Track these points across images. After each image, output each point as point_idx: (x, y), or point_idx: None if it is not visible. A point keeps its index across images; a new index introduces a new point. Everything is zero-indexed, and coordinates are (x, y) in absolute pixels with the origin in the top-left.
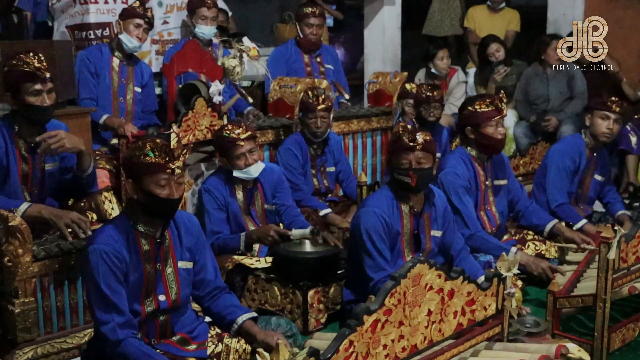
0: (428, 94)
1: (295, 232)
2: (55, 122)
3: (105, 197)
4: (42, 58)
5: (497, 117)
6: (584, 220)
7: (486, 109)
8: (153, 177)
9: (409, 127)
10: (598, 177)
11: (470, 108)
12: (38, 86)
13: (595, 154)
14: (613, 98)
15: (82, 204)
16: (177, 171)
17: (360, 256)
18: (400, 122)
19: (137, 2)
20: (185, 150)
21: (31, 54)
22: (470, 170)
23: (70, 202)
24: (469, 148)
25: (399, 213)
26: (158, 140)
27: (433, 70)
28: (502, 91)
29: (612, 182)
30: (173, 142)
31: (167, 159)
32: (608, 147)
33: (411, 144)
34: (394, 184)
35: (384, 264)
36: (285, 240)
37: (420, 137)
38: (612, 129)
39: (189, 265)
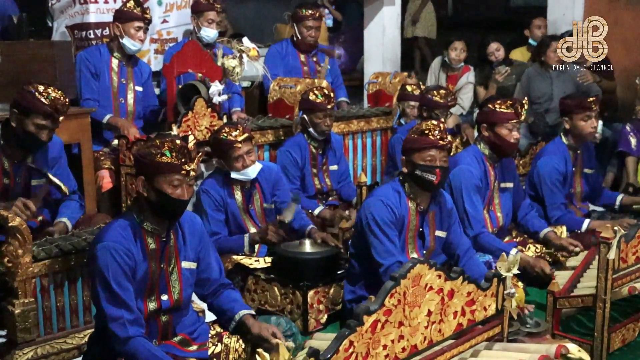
0: (449, 99)
1: (285, 214)
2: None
3: None
4: (67, 101)
5: (514, 121)
6: (587, 221)
7: (505, 110)
8: (167, 177)
9: (441, 124)
10: (587, 171)
11: (490, 106)
12: (47, 123)
13: (579, 152)
14: (590, 98)
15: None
16: (192, 173)
17: (368, 245)
18: (426, 120)
19: (133, 3)
20: (200, 153)
21: (59, 92)
22: (482, 169)
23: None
24: (482, 146)
25: (406, 208)
26: (177, 141)
27: (446, 59)
28: (526, 98)
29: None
30: (190, 144)
31: (183, 160)
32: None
33: (441, 142)
34: (409, 180)
35: (393, 249)
36: (283, 226)
37: (448, 137)
38: (596, 126)
39: (192, 265)
